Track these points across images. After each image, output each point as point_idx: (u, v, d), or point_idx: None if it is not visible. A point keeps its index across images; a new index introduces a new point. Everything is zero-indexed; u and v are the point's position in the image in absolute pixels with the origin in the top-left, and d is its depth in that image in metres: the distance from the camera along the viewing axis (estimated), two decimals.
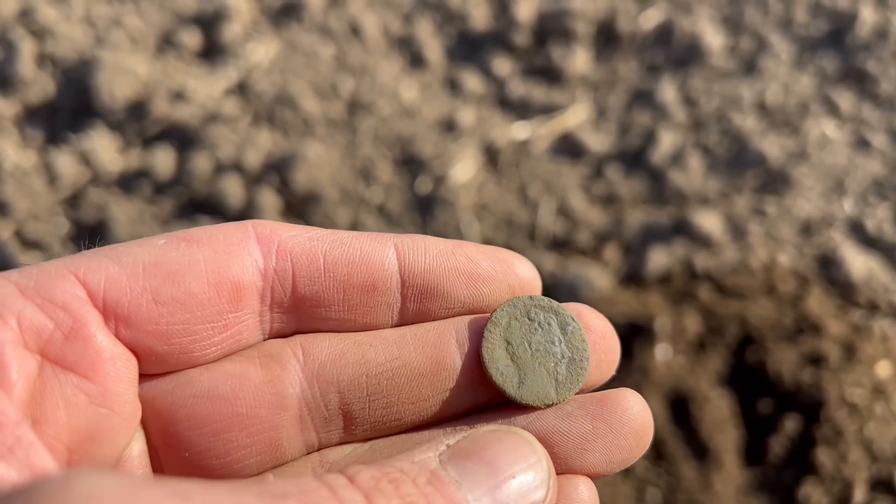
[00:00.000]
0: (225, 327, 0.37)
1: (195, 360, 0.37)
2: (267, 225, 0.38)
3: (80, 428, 0.33)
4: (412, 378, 0.38)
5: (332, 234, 0.39)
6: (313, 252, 0.38)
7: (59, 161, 1.60)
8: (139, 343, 0.35)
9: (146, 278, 0.34)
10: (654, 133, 1.61)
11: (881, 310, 1.38)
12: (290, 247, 0.38)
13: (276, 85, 1.71)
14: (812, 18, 1.76)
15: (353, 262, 0.38)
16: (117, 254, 0.35)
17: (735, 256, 1.45)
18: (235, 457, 0.37)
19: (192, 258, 0.35)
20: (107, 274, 0.34)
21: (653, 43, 1.76)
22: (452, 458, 0.32)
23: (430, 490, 0.30)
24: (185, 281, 0.35)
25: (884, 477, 1.18)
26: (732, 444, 1.23)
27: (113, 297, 0.34)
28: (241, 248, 0.37)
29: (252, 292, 0.37)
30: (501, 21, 1.79)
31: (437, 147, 1.61)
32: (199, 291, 0.35)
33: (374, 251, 0.39)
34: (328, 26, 1.80)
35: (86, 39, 1.77)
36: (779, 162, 1.56)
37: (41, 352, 0.32)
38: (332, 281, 0.38)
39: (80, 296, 0.33)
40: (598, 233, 1.51)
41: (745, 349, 1.32)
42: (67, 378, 0.33)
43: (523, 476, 0.32)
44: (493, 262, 0.40)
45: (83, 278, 0.33)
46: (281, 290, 0.38)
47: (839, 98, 1.64)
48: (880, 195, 1.52)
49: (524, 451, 0.33)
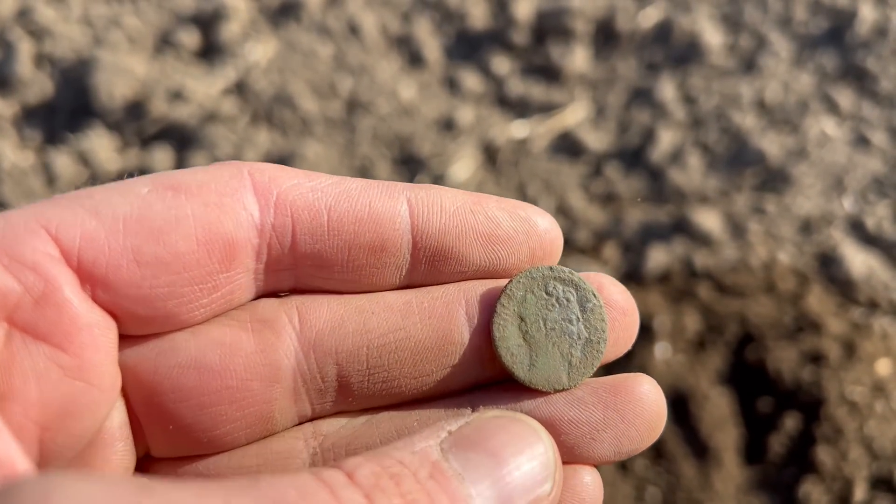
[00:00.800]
0: (215, 288, 0.33)
1: (181, 323, 0.33)
2: (265, 171, 0.34)
3: (53, 403, 0.30)
4: (416, 352, 0.36)
5: (337, 183, 0.35)
6: (316, 206, 0.34)
7: (58, 161, 1.60)
8: (119, 307, 0.32)
9: (127, 235, 0.30)
10: (653, 131, 1.61)
11: (881, 308, 1.38)
12: (290, 199, 0.34)
13: (274, 84, 1.70)
14: (811, 16, 1.75)
15: (361, 220, 0.34)
16: (94, 204, 0.31)
17: (735, 255, 1.44)
18: (224, 430, 0.34)
19: (180, 212, 0.31)
20: (83, 229, 0.30)
21: (652, 41, 1.76)
22: (455, 447, 0.30)
23: (433, 485, 0.28)
24: (171, 239, 0.31)
25: (884, 475, 1.17)
26: (732, 442, 1.23)
27: (89, 256, 0.30)
28: (235, 200, 0.33)
29: (246, 250, 0.33)
30: (500, 20, 1.79)
31: (435, 146, 1.61)
32: (186, 251, 0.32)
33: (385, 207, 0.35)
34: (327, 26, 1.79)
35: (84, 39, 1.77)
36: (778, 160, 1.55)
37: (8, 319, 0.29)
38: (336, 240, 0.34)
39: (52, 254, 0.30)
40: (598, 231, 1.50)
41: (745, 347, 1.31)
42: (39, 349, 0.30)
43: (529, 468, 0.30)
44: (515, 220, 0.37)
45: (55, 233, 0.30)
46: (279, 248, 0.34)
47: (839, 96, 1.64)
48: (880, 193, 1.51)
49: (530, 440, 0.31)
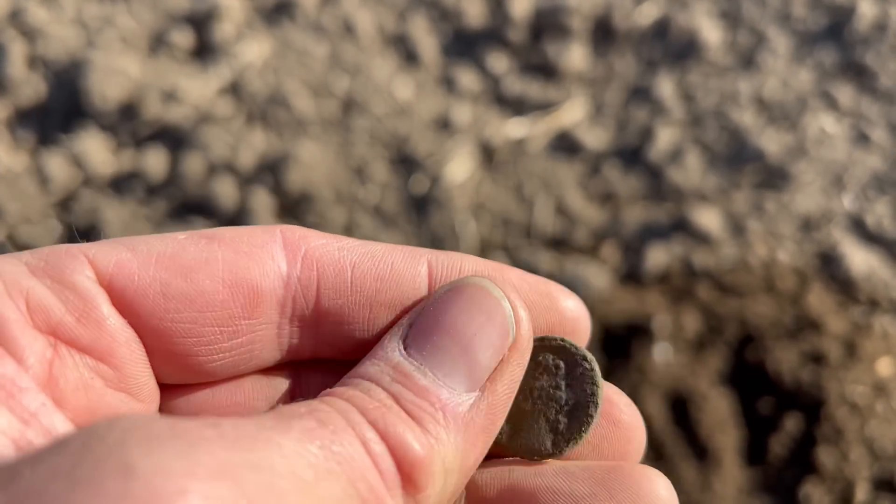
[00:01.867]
0: (236, 333, 0.34)
1: (200, 366, 0.35)
2: (296, 231, 0.36)
3: (99, 412, 0.32)
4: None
5: (363, 245, 0.37)
6: (341, 263, 0.36)
7: (51, 163, 1.58)
8: (142, 337, 0.34)
9: (158, 269, 0.33)
10: (651, 129, 1.60)
11: (882, 306, 1.37)
12: (317, 255, 0.36)
13: (269, 84, 1.69)
14: (810, 12, 1.74)
15: (383, 278, 0.36)
16: (133, 243, 0.33)
17: (734, 254, 1.43)
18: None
19: (211, 256, 0.33)
20: (117, 258, 0.32)
21: (650, 38, 1.74)
22: (415, 339, 0.32)
23: (397, 388, 0.31)
24: (198, 277, 0.33)
25: (886, 476, 1.17)
26: (733, 443, 1.22)
27: (119, 282, 0.32)
28: (264, 252, 0.35)
29: (271, 301, 0.35)
30: (496, 18, 1.77)
31: (432, 145, 1.59)
32: (211, 291, 0.33)
33: (406, 267, 0.36)
34: (321, 24, 1.78)
35: (77, 40, 1.76)
36: (778, 157, 1.54)
37: (53, 333, 0.31)
38: (358, 296, 0.36)
39: (89, 276, 0.32)
40: (596, 231, 1.49)
41: (745, 348, 1.30)
42: (83, 361, 0.32)
43: (487, 329, 0.32)
44: (536, 295, 0.38)
45: (93, 259, 0.32)
46: (303, 302, 0.36)
47: (838, 92, 1.62)
48: (880, 190, 1.50)
49: (479, 299, 0.33)
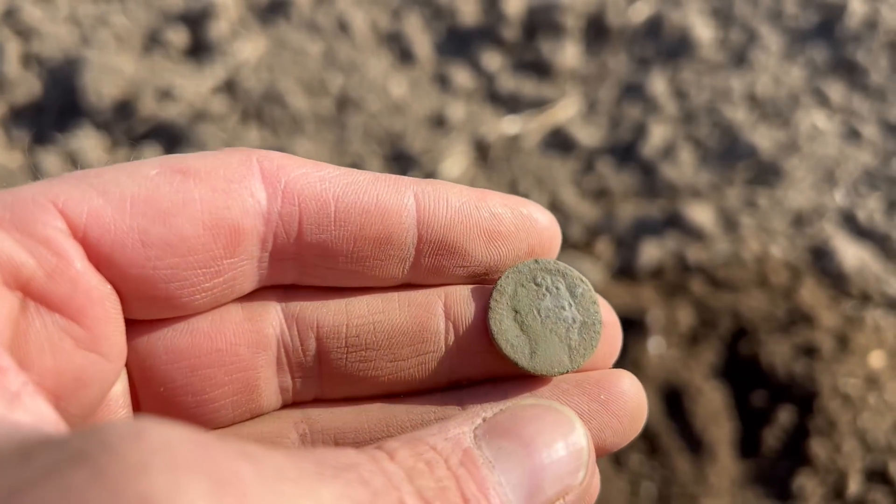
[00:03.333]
0: (218, 273, 0.34)
1: (182, 308, 0.34)
2: (274, 159, 0.35)
3: (66, 373, 0.31)
4: (392, 335, 0.37)
5: (346, 174, 0.36)
6: (324, 196, 0.35)
7: (46, 161, 1.58)
8: (120, 286, 0.32)
9: (134, 216, 0.31)
10: (644, 126, 1.61)
11: (873, 300, 1.38)
12: (298, 188, 0.34)
13: (264, 82, 1.69)
14: (801, 10, 1.75)
15: (368, 212, 0.35)
16: (103, 183, 0.31)
17: (727, 249, 1.44)
18: (211, 395, 0.35)
19: (188, 196, 0.32)
20: (89, 206, 0.30)
21: (642, 36, 1.75)
22: (488, 435, 0.30)
23: (463, 472, 0.29)
24: (177, 222, 0.32)
25: (878, 467, 1.17)
26: (726, 436, 1.22)
27: (95, 233, 0.31)
28: (242, 187, 0.33)
29: (252, 237, 0.34)
30: (490, 15, 1.78)
31: (427, 142, 1.60)
32: (192, 235, 0.32)
33: (392, 200, 0.35)
34: (316, 22, 1.78)
35: (71, 39, 1.76)
36: (770, 154, 1.55)
37: (22, 289, 0.30)
38: (342, 231, 0.35)
39: (61, 228, 0.30)
40: (590, 227, 1.50)
41: (739, 341, 1.31)
42: (53, 320, 0.30)
43: (561, 456, 0.30)
44: (517, 217, 0.37)
45: (63, 208, 0.30)
46: (284, 237, 0.35)
47: (829, 89, 1.64)
48: (871, 186, 1.52)
49: (564, 429, 0.31)
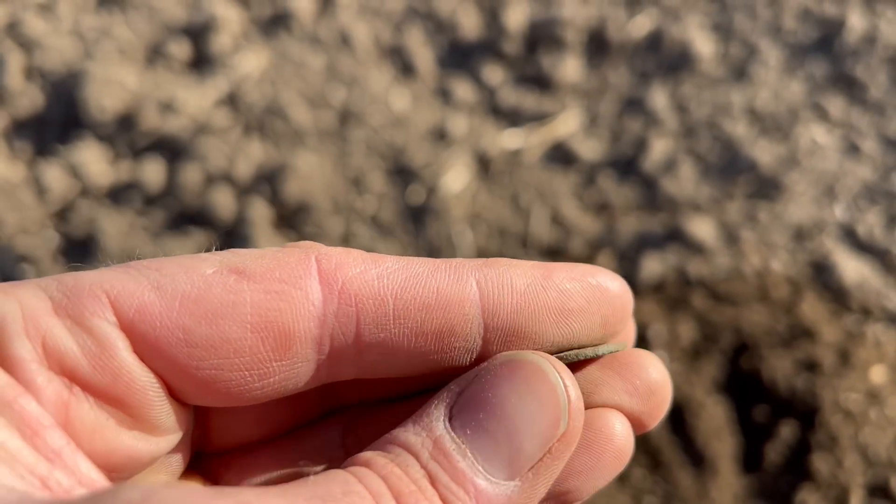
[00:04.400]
0: (266, 375, 0.33)
1: (233, 400, 0.33)
2: (333, 258, 0.34)
3: (117, 452, 0.31)
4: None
5: (405, 268, 0.34)
6: (382, 294, 0.33)
7: (48, 174, 1.59)
8: (168, 378, 0.32)
9: (181, 314, 0.31)
10: (645, 140, 1.62)
11: (874, 314, 1.38)
12: (355, 288, 0.33)
13: (266, 95, 1.70)
14: (801, 25, 1.76)
15: (429, 306, 0.34)
16: (159, 277, 0.31)
17: (728, 263, 1.45)
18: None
19: (238, 298, 0.31)
20: (140, 301, 0.31)
21: (643, 50, 1.76)
22: (461, 412, 0.31)
23: (434, 466, 0.29)
24: (224, 323, 0.31)
25: (880, 482, 1.18)
26: (729, 451, 1.23)
27: (141, 328, 0.31)
28: (297, 288, 0.32)
29: (305, 341, 0.33)
30: (492, 30, 1.79)
31: (428, 156, 1.60)
32: (238, 338, 0.31)
33: (453, 291, 0.34)
34: (318, 36, 1.79)
35: (74, 51, 1.76)
36: (770, 168, 1.56)
37: (69, 376, 0.30)
38: (402, 328, 0.34)
39: (110, 320, 0.30)
40: (592, 241, 1.51)
41: (740, 356, 1.31)
42: (99, 403, 0.31)
43: (537, 412, 0.31)
44: (586, 290, 0.36)
45: (114, 300, 0.31)
46: (342, 339, 0.34)
47: (829, 104, 1.65)
48: (871, 200, 1.52)
49: (537, 382, 0.31)
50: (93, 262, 1.51)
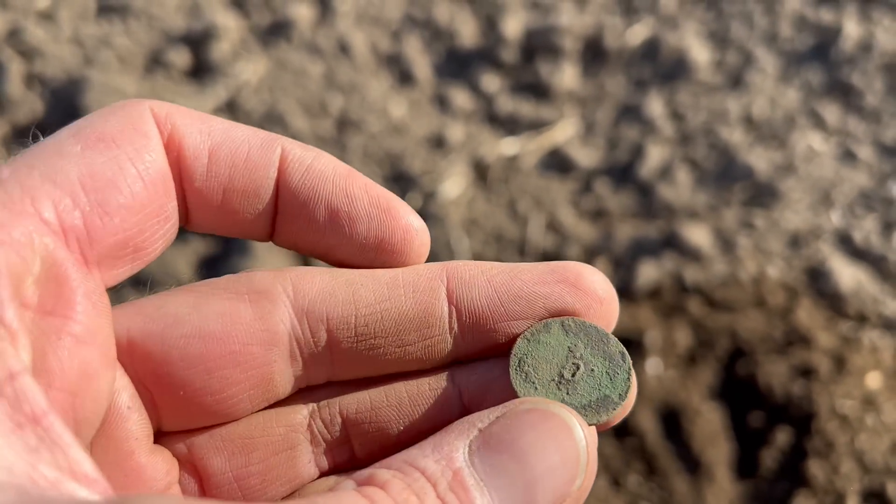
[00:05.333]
0: (167, 219, 0.36)
1: (148, 256, 0.36)
2: (162, 105, 0.37)
3: (72, 369, 0.32)
4: (400, 322, 0.38)
5: (227, 128, 0.38)
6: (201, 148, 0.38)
7: None
8: (103, 255, 0.34)
9: (88, 194, 0.33)
10: (641, 147, 1.62)
11: (870, 321, 1.38)
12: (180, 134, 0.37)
13: (265, 103, 1.71)
14: (797, 33, 1.77)
15: (237, 165, 0.38)
16: (47, 170, 0.33)
17: (724, 270, 1.45)
18: (229, 393, 0.37)
19: (119, 159, 0.34)
20: (52, 199, 0.32)
21: (640, 58, 1.77)
22: (482, 449, 0.31)
23: (451, 498, 0.29)
24: (123, 183, 0.34)
25: (876, 488, 1.18)
26: (724, 457, 1.23)
27: (67, 221, 0.32)
28: (147, 140, 0.36)
29: (171, 178, 0.37)
30: (489, 38, 1.80)
31: (426, 163, 1.61)
32: (139, 192, 0.35)
33: (260, 156, 0.38)
34: (317, 44, 1.80)
35: (74, 59, 1.77)
36: (766, 175, 1.57)
37: (19, 299, 0.30)
38: (213, 181, 0.37)
39: (39, 230, 0.31)
40: (588, 247, 1.51)
41: (736, 362, 1.32)
42: (51, 322, 0.32)
43: (557, 468, 0.31)
44: (376, 209, 0.39)
45: (35, 209, 0.31)
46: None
47: (825, 111, 1.65)
48: (867, 207, 1.53)
49: (561, 436, 0.32)
50: None
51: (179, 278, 1.48)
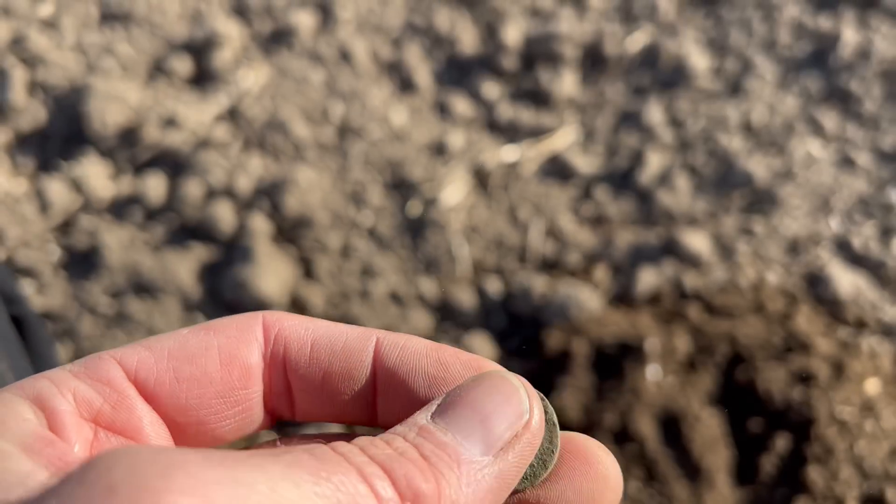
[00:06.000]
0: (236, 402, 0.42)
1: (213, 432, 0.42)
2: (275, 315, 0.44)
3: None
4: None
5: (328, 325, 0.44)
6: (304, 339, 0.43)
7: (51, 188, 1.60)
8: (166, 414, 0.41)
9: (170, 360, 0.41)
10: (641, 154, 1.63)
11: (869, 327, 1.39)
12: (286, 334, 0.43)
13: (266, 110, 1.72)
14: (795, 40, 1.78)
15: (335, 352, 0.43)
16: (149, 342, 0.42)
17: (723, 276, 1.46)
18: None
19: (209, 343, 0.42)
20: (139, 357, 0.41)
21: (639, 65, 1.78)
22: (440, 412, 0.37)
23: (420, 440, 0.35)
24: (200, 362, 0.41)
25: (875, 494, 1.18)
26: (724, 463, 1.23)
27: (142, 375, 0.40)
28: (249, 334, 0.43)
29: (257, 373, 0.43)
30: (489, 45, 1.81)
31: (427, 170, 1.62)
32: (212, 371, 0.41)
33: (357, 343, 0.43)
34: (318, 52, 1.81)
35: (77, 67, 1.79)
36: (765, 181, 1.57)
37: (94, 420, 0.39)
38: (315, 367, 0.43)
39: (120, 374, 0.40)
40: (588, 254, 1.52)
41: (735, 368, 1.32)
42: (118, 440, 0.39)
43: (505, 405, 0.37)
44: (465, 369, 0.43)
45: (120, 360, 0.40)
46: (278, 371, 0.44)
47: (823, 118, 1.66)
48: (866, 213, 1.54)
49: (501, 385, 0.38)
50: (94, 277, 1.52)
51: (180, 285, 1.49)
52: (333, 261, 1.53)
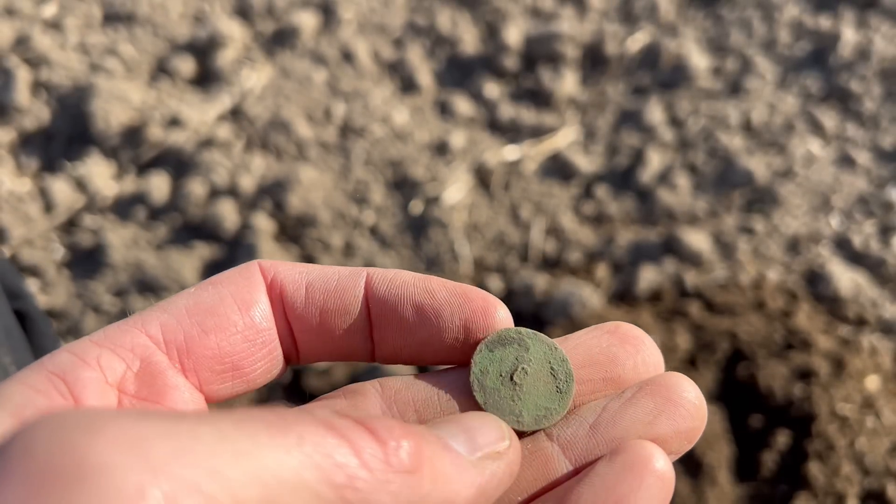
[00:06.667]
0: (263, 344, 0.43)
1: (246, 377, 0.43)
2: (270, 263, 0.45)
3: None
4: None
5: (319, 268, 0.45)
6: (298, 281, 0.45)
7: (55, 187, 1.61)
8: (201, 367, 0.42)
9: (190, 316, 0.42)
10: (642, 153, 1.64)
11: (869, 324, 1.40)
12: (281, 278, 0.45)
13: (269, 110, 1.73)
14: (795, 39, 1.79)
15: (328, 290, 0.45)
16: (163, 305, 0.43)
17: (724, 274, 1.46)
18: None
19: (222, 294, 0.43)
20: (160, 320, 0.42)
21: (640, 65, 1.79)
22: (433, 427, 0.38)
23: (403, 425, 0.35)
24: (221, 311, 0.42)
25: (876, 490, 1.19)
26: (725, 459, 1.24)
27: (169, 336, 0.41)
28: (252, 281, 0.44)
29: (271, 315, 0.44)
30: (491, 45, 1.82)
31: (429, 169, 1.63)
32: (235, 318, 0.43)
33: (349, 280, 0.45)
34: (320, 52, 1.82)
35: (81, 67, 1.79)
36: (765, 180, 1.58)
37: (118, 387, 0.39)
38: (311, 306, 0.44)
39: (143, 340, 0.41)
40: (589, 252, 1.52)
41: (736, 365, 1.33)
42: (142, 406, 0.40)
43: (488, 430, 0.38)
44: (451, 294, 0.44)
45: (143, 326, 0.41)
46: (280, 311, 0.45)
47: (823, 117, 1.67)
48: (866, 211, 1.54)
49: (487, 419, 0.39)
50: (98, 276, 1.53)
51: (184, 283, 1.50)
52: (336, 259, 1.54)
